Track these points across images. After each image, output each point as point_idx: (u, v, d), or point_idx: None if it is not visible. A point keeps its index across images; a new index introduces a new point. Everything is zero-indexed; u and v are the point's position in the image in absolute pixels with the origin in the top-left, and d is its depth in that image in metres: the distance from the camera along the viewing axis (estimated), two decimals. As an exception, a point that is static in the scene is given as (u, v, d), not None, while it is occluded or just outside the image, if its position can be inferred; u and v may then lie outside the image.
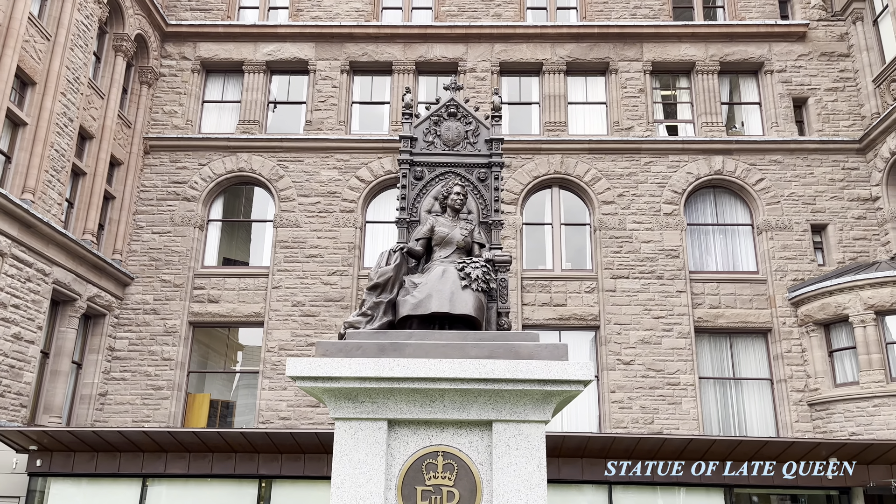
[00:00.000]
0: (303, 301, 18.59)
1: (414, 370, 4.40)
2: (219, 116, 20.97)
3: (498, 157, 6.25)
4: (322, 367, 4.42)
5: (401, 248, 5.46)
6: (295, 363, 4.44)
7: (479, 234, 5.82)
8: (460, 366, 4.41)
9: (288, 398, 17.72)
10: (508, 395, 4.50)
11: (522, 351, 4.62)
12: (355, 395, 4.51)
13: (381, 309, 5.10)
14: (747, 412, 18.01)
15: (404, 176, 6.19)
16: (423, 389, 4.47)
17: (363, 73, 20.98)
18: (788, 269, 18.43)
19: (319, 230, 19.19)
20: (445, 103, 6.45)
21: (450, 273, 5.15)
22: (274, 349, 18.18)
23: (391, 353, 4.64)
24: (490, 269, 5.29)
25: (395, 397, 4.52)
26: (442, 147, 6.29)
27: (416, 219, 6.11)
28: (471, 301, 5.00)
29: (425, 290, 5.07)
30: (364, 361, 4.45)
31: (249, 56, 20.78)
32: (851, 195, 18.97)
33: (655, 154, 19.48)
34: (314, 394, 4.63)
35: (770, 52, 20.20)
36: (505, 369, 4.39)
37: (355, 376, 4.41)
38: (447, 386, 4.43)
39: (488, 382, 4.42)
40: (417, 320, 5.12)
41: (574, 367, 4.39)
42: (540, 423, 4.52)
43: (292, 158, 19.87)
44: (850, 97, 19.77)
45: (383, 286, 5.18)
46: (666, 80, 20.85)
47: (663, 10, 20.90)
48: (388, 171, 19.59)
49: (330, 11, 21.33)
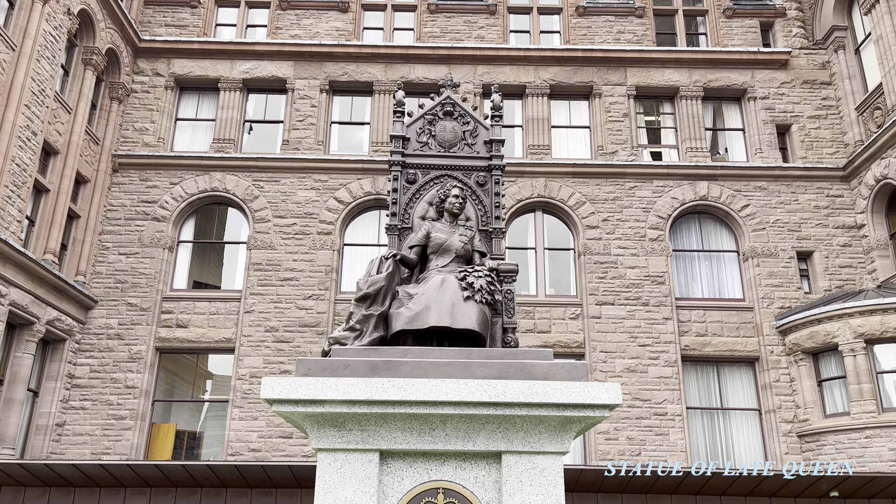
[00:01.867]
0: (276, 326, 17.78)
1: (412, 392, 3.76)
2: (192, 135, 20.27)
3: (499, 159, 5.71)
4: (304, 389, 3.76)
5: (393, 255, 4.84)
6: (272, 383, 3.78)
7: (479, 241, 5.24)
8: (466, 387, 3.78)
9: (259, 428, 16.80)
10: (521, 422, 3.87)
11: (536, 371, 4.01)
12: (342, 421, 3.85)
13: (371, 323, 4.47)
14: (735, 443, 17.48)
15: (395, 179, 5.60)
16: (422, 415, 3.83)
17: (343, 92, 20.49)
18: (775, 296, 18.10)
19: (295, 252, 18.47)
20: (441, 101, 5.91)
21: (450, 283, 4.55)
22: (245, 377, 17.29)
23: (384, 372, 3.99)
24: (494, 280, 4.70)
25: (389, 424, 3.87)
26: (437, 148, 5.74)
27: (408, 226, 5.52)
28: (474, 314, 4.40)
29: (422, 301, 4.45)
30: (354, 382, 3.80)
31: (226, 73, 20.18)
32: (836, 222, 18.78)
33: (640, 179, 19.17)
34: (293, 420, 3.96)
35: (753, 78, 20.14)
36: (518, 391, 3.77)
37: (343, 399, 3.76)
38: (451, 411, 3.80)
39: (498, 407, 3.80)
40: (413, 336, 4.50)
41: (598, 388, 3.79)
42: (557, 454, 3.90)
43: (268, 178, 19.20)
44: (833, 125, 19.72)
45: (374, 297, 4.56)
46: (650, 105, 20.65)
47: (647, 35, 20.80)
48: (368, 193, 19.00)
49: (310, 30, 20.89)
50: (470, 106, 5.91)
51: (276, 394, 3.74)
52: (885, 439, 15.27)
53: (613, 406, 3.80)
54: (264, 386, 3.75)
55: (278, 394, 3.75)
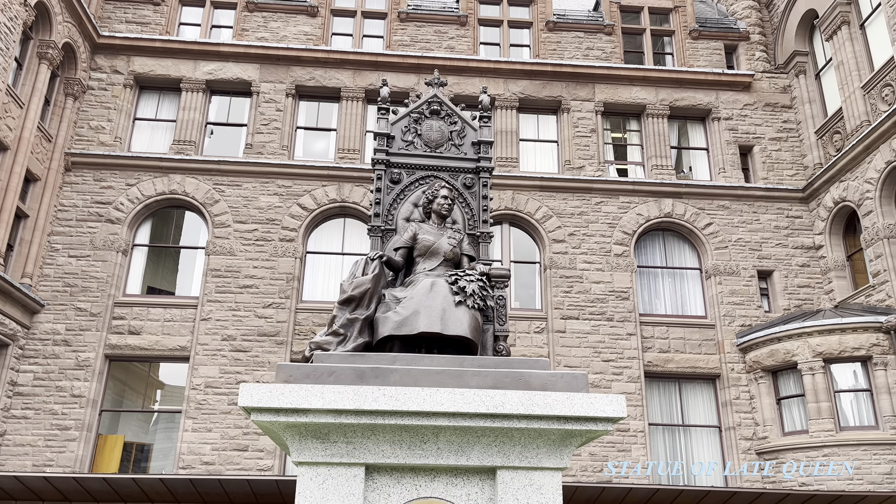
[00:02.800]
0: (234, 335, 17.22)
1: (404, 402, 3.48)
2: (151, 135, 19.62)
3: (487, 161, 5.51)
4: (286, 396, 3.45)
5: (379, 255, 4.56)
6: (251, 390, 3.45)
7: (468, 245, 5.00)
8: (462, 397, 3.52)
9: (213, 441, 16.17)
10: (519, 436, 3.62)
11: (534, 381, 3.77)
12: (327, 432, 3.55)
13: (355, 327, 4.18)
14: (696, 460, 17.53)
15: (379, 178, 5.34)
16: (413, 427, 3.55)
17: (310, 97, 20.11)
18: (736, 314, 18.28)
19: (256, 259, 17.95)
20: (427, 99, 5.68)
21: (440, 287, 4.29)
22: (200, 386, 16.66)
23: (372, 380, 3.71)
24: (486, 285, 4.46)
25: (378, 436, 3.58)
26: (423, 148, 5.50)
27: (391, 227, 5.25)
28: (466, 320, 4.15)
29: (411, 305, 4.18)
30: (341, 390, 3.50)
31: (188, 74, 19.62)
32: (796, 243, 19.12)
33: (606, 194, 19.23)
34: (272, 431, 3.64)
35: (717, 99, 20.46)
36: (518, 402, 3.52)
37: (329, 408, 3.46)
38: (444, 422, 3.53)
39: (496, 419, 3.54)
40: (400, 342, 4.22)
41: (602, 400, 3.57)
42: (556, 470, 3.66)
43: (230, 182, 18.66)
44: (794, 147, 20.13)
45: (359, 300, 4.27)
46: (617, 121, 20.79)
47: (615, 52, 20.98)
48: (333, 200, 18.62)
49: (277, 33, 20.49)
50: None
51: (256, 401, 3.42)
52: (842, 458, 15.46)
53: (617, 419, 3.59)
54: (242, 393, 3.42)
55: (258, 401, 3.43)
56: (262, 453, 16.19)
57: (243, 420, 16.41)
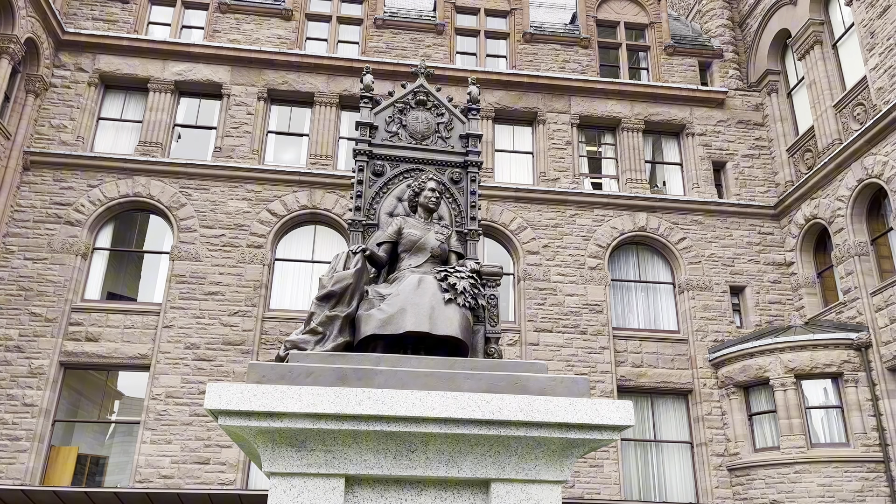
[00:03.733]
0: (198, 343, 16.60)
1: (391, 406, 3.13)
2: (116, 136, 18.98)
3: (475, 155, 5.21)
4: (259, 399, 3.08)
5: (362, 249, 4.22)
6: (219, 391, 3.08)
7: (456, 241, 4.69)
8: (456, 402, 3.18)
9: (172, 453, 15.51)
10: (516, 445, 3.30)
11: (531, 385, 3.45)
12: (303, 439, 3.18)
13: (335, 325, 3.83)
14: (668, 476, 17.35)
15: (361, 170, 5.01)
16: (400, 434, 3.21)
17: (282, 102, 19.68)
18: (709, 329, 18.24)
19: (222, 265, 17.39)
20: (413, 89, 5.39)
21: (428, 283, 3.96)
22: (160, 396, 16.00)
23: (355, 382, 3.35)
24: (477, 282, 4.14)
25: (360, 444, 3.22)
26: (408, 139, 5.19)
27: (373, 222, 4.92)
28: (456, 319, 3.83)
29: (397, 302, 3.85)
30: (321, 392, 3.14)
31: (157, 74, 19.06)
32: (767, 259, 19.19)
33: (581, 207, 19.10)
34: (241, 438, 3.26)
35: (692, 115, 20.54)
36: (517, 408, 3.20)
37: (307, 412, 3.09)
38: (435, 429, 3.19)
39: (492, 426, 3.21)
40: (384, 343, 3.87)
41: (608, 406, 3.26)
42: (555, 483, 3.34)
43: (197, 186, 18.11)
44: (766, 164, 20.28)
45: (339, 296, 3.92)
46: (592, 134, 20.74)
47: (591, 66, 20.96)
48: (304, 206, 18.17)
49: (250, 36, 20.05)
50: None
51: (224, 403, 3.04)
52: (814, 475, 15.41)
53: (623, 428, 3.29)
54: (209, 393, 3.04)
55: (226, 403, 3.05)
56: (224, 466, 15.57)
57: (205, 431, 15.80)
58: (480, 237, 5.01)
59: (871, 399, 15.66)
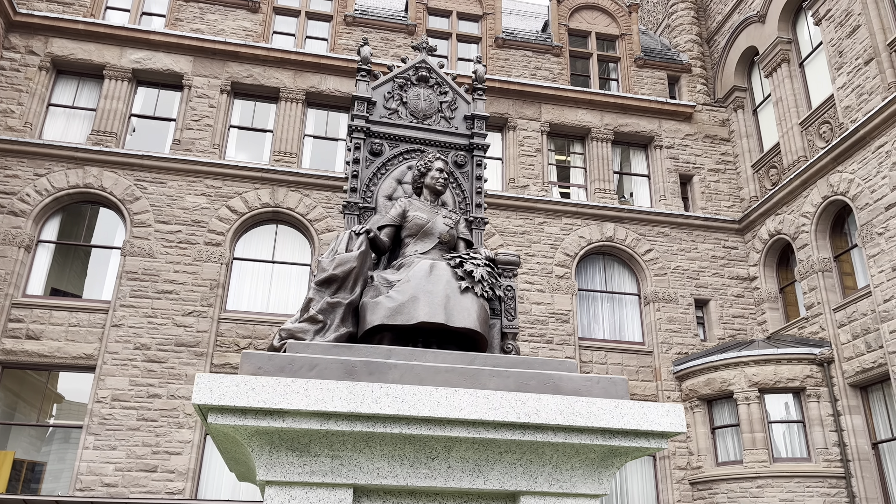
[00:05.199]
0: (148, 344, 15.74)
1: (413, 405, 2.68)
2: (67, 123, 17.99)
3: (481, 137, 4.81)
4: (260, 393, 2.59)
5: (366, 230, 3.76)
6: (211, 383, 2.58)
7: (465, 228, 4.26)
8: (487, 402, 2.75)
9: (117, 460, 14.60)
10: (552, 452, 2.88)
11: (565, 385, 3.05)
12: (307, 442, 2.70)
13: (337, 313, 3.36)
14: (630, 489, 17.15)
15: (357, 148, 4.54)
16: (420, 438, 2.75)
17: (246, 96, 18.97)
18: (674, 341, 18.17)
19: (178, 263, 16.57)
20: (415, 64, 4.96)
21: (441, 270, 3.53)
22: (106, 399, 15.08)
23: (365, 377, 2.89)
24: (494, 271, 3.72)
25: (373, 450, 2.76)
26: (408, 118, 4.76)
27: (370, 205, 4.46)
28: (474, 310, 3.41)
29: (407, 290, 3.40)
30: (331, 387, 2.67)
31: (113, 61, 18.16)
32: (731, 273, 19.27)
33: (549, 215, 18.89)
34: (231, 441, 2.76)
35: (660, 128, 20.58)
36: (556, 410, 2.79)
37: (315, 410, 2.62)
38: (461, 433, 2.75)
39: (527, 430, 2.79)
40: (391, 335, 3.41)
41: (657, 410, 2.88)
42: (593, 498, 2.93)
43: (153, 179, 17.26)
44: (731, 179, 20.43)
45: (342, 281, 3.45)
46: (561, 143, 20.60)
47: (562, 74, 20.85)
48: (266, 204, 17.49)
49: (214, 26, 19.31)
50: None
51: (217, 398, 2.54)
52: (776, 489, 15.38)
53: (673, 435, 2.90)
54: (199, 386, 2.54)
55: (219, 398, 2.55)
56: (172, 475, 14.74)
57: (153, 437, 14.94)
58: (486, 226, 4.59)
59: (833, 414, 15.75)
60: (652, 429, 2.84)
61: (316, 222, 17.54)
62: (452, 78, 5.01)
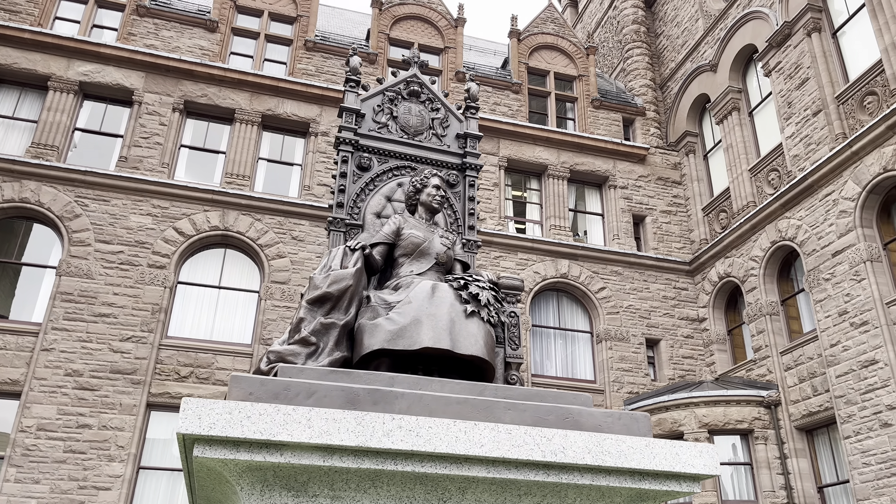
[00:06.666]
0: (81, 370, 14.79)
1: (429, 439, 2.37)
2: (5, 134, 17.07)
3: (474, 157, 4.59)
4: (256, 422, 2.24)
5: (362, 246, 3.45)
6: (200, 409, 2.21)
7: (461, 250, 4.00)
8: (510, 437, 2.46)
9: (41, 494, 13.54)
10: (575, 496, 2.60)
11: (585, 420, 2.78)
12: (305, 480, 2.35)
13: (332, 335, 3.04)
14: (579, 531, 16.86)
15: (345, 161, 4.26)
16: (434, 477, 2.43)
17: (200, 116, 18.41)
18: (625, 380, 18.16)
19: (118, 285, 15.74)
20: (406, 79, 4.72)
21: (444, 292, 3.24)
22: (31, 429, 14.04)
23: (369, 406, 2.57)
24: (498, 295, 3.46)
25: (380, 490, 2.43)
26: (399, 133, 4.51)
27: (357, 223, 4.15)
28: (481, 336, 3.13)
29: (409, 312, 3.10)
30: (338, 417, 2.33)
31: (60, 72, 17.40)
32: (682, 314, 19.49)
33: (505, 249, 18.81)
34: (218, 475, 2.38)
35: (615, 168, 20.88)
36: (584, 448, 2.51)
37: (318, 444, 2.28)
38: (480, 472, 2.44)
39: (551, 471, 2.50)
40: (388, 360, 3.09)
41: (689, 451, 2.63)
42: (616, 546, 2.64)
43: (95, 196, 16.46)
44: (682, 221, 20.80)
45: (337, 300, 3.13)
46: (518, 178, 20.66)
47: (521, 111, 21.02)
48: (215, 227, 16.86)
49: (169, 43, 18.78)
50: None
51: (207, 427, 2.17)
52: (725, 531, 15.33)
53: (706, 477, 2.65)
54: (186, 411, 2.17)
55: (209, 427, 2.18)
56: (100, 512, 13.74)
57: (81, 471, 13.95)
58: (479, 249, 4.34)
59: (780, 457, 15.90)
60: (685, 471, 2.60)
61: (267, 248, 16.99)
62: (445, 96, 4.78)
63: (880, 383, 13.71)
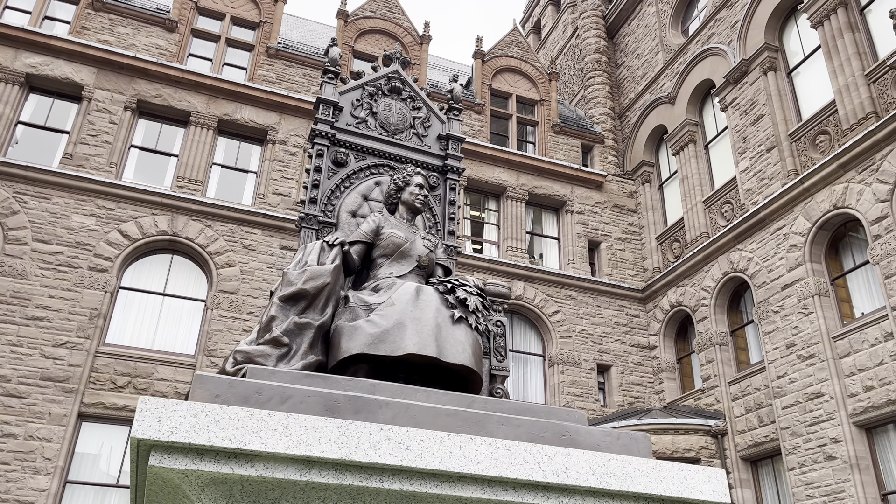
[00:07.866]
0: (8, 375, 13.91)
1: (421, 454, 2.10)
2: (-59, 123, 16.14)
3: (456, 160, 4.37)
4: (225, 428, 1.93)
5: (341, 242, 3.17)
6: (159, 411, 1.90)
7: (443, 254, 3.75)
8: (509, 455, 2.21)
9: (-45, 509, 12.59)
10: (574, 521, 2.34)
11: (582, 439, 2.55)
12: (277, 497, 2.05)
13: (306, 337, 2.75)
14: (524, 558, 16.59)
15: (319, 155, 4.01)
16: (422, 497, 2.16)
17: (153, 116, 17.77)
18: (575, 405, 18.06)
19: (54, 287, 14.92)
20: (387, 74, 4.50)
21: (428, 295, 2.99)
22: (-51, 437, 13.09)
23: (349, 415, 2.28)
24: (486, 302, 3.22)
25: (360, 511, 2.13)
26: (378, 130, 4.26)
27: (331, 221, 3.87)
28: (469, 344, 2.89)
29: (392, 314, 2.84)
30: (319, 426, 2.04)
31: (6, 63, 16.59)
32: (633, 341, 19.58)
33: (463, 269, 18.56)
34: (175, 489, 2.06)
35: (572, 193, 20.99)
36: (588, 469, 2.28)
37: (295, 455, 1.99)
38: (473, 493, 2.18)
39: (551, 493, 2.26)
40: (367, 366, 2.82)
41: (698, 476, 2.44)
42: (615, 579, 2.40)
43: (36, 193, 15.65)
44: (636, 249, 21.00)
45: (313, 298, 2.85)
46: (477, 198, 20.56)
47: (482, 132, 21.00)
48: (163, 232, 16.21)
49: (124, 40, 18.14)
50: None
51: (168, 432, 1.86)
52: (670, 561, 15.26)
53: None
54: (143, 413, 1.85)
55: (170, 432, 1.87)
56: (21, 529, 12.84)
57: (3, 483, 13.05)
58: (459, 255, 4.10)
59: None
60: (693, 497, 2.40)
61: (217, 255, 16.41)
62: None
63: (825, 416, 13.92)
